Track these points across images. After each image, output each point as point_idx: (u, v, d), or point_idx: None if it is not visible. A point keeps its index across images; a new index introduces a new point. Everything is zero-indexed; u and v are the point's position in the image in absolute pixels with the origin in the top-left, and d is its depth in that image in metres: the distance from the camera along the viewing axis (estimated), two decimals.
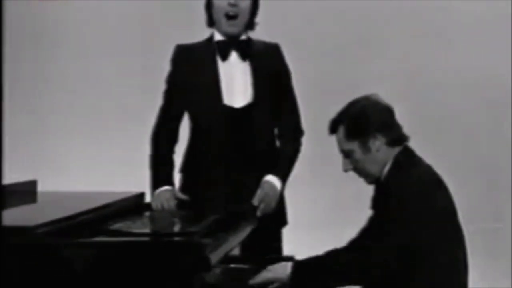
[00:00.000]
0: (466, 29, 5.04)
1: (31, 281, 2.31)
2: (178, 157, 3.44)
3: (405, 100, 2.95)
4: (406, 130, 2.92)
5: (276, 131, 3.43)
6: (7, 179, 2.83)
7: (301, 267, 2.81)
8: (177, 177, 3.43)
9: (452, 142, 4.95)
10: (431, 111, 4.95)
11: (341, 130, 2.88)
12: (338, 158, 2.96)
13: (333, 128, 2.91)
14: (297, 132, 3.45)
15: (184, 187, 3.41)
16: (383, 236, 2.74)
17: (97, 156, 5.09)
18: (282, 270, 2.81)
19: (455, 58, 5.05)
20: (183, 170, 3.43)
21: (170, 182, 3.32)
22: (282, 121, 3.41)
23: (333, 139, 2.95)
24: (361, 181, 3.03)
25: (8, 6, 3.42)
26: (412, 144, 2.91)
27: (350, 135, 2.86)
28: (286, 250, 3.46)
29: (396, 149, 2.87)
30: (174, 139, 3.41)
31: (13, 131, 4.07)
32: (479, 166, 5.00)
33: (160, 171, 3.36)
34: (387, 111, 2.90)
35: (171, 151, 3.40)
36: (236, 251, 3.01)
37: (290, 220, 3.48)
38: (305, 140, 3.49)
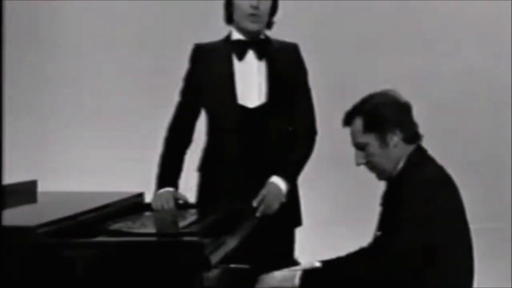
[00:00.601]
0: (466, 29, 5.05)
1: (31, 281, 2.31)
2: (196, 155, 3.45)
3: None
4: None
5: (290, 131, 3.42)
6: (7, 179, 2.83)
7: (311, 277, 2.78)
8: (194, 176, 3.44)
9: (452, 142, 4.95)
10: (431, 111, 4.94)
11: (358, 122, 2.86)
12: (340, 157, 2.94)
13: (349, 119, 2.89)
14: (311, 133, 3.42)
15: (201, 186, 3.43)
16: (394, 236, 2.72)
17: (97, 156, 5.09)
18: (289, 279, 2.79)
19: (455, 58, 5.05)
20: (201, 168, 3.44)
21: (173, 184, 3.31)
22: (296, 122, 3.39)
23: (335, 138, 2.93)
24: (364, 181, 3.03)
25: (8, 6, 3.42)
26: None
27: (368, 127, 2.84)
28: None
29: (411, 147, 2.86)
30: (188, 140, 3.41)
31: (13, 131, 4.07)
32: (479, 166, 5.00)
33: (166, 172, 3.35)
34: (407, 107, 2.89)
35: (182, 153, 3.40)
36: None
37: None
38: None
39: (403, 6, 5.04)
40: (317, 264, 2.90)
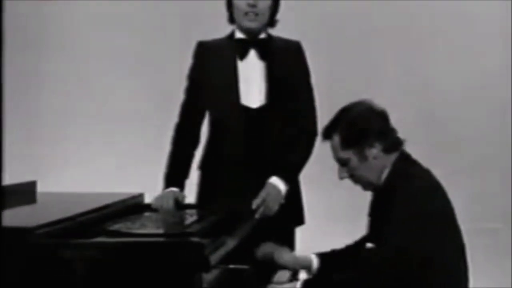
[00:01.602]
0: (466, 29, 5.04)
1: (30, 282, 2.31)
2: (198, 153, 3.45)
3: (405, 101, 2.93)
4: (407, 131, 2.90)
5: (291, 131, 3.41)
6: (7, 180, 2.82)
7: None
8: (196, 174, 3.44)
9: (452, 143, 4.95)
10: (431, 111, 4.94)
11: (336, 138, 2.84)
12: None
13: (327, 134, 2.87)
14: (311, 133, 3.40)
15: (202, 184, 3.43)
16: (385, 245, 2.71)
17: (97, 157, 5.09)
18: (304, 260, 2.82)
19: (455, 58, 5.05)
20: (201, 167, 3.44)
21: (178, 184, 3.31)
22: (297, 122, 3.38)
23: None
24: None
25: (8, 7, 3.41)
26: (412, 145, 2.89)
27: (345, 144, 2.81)
28: None
29: (393, 155, 2.84)
30: (195, 140, 3.41)
31: (12, 132, 4.07)
32: (479, 166, 4.99)
33: (172, 172, 3.36)
34: (382, 117, 2.85)
35: (189, 154, 3.39)
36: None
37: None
38: None
39: (404, 7, 5.04)
40: (312, 257, 2.93)
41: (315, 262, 2.94)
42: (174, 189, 3.28)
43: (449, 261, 2.76)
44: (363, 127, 2.80)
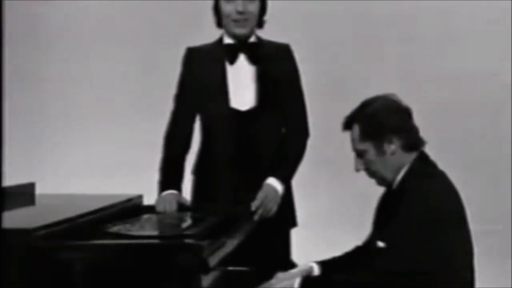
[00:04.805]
0: (466, 29, 5.04)
1: (29, 284, 2.31)
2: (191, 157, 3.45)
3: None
4: None
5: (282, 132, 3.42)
6: (6, 182, 2.83)
7: (310, 286, 2.74)
8: (189, 179, 3.44)
9: (452, 142, 4.94)
10: (431, 112, 4.94)
11: (356, 129, 2.82)
12: (337, 159, 2.94)
13: (348, 125, 2.85)
14: (303, 134, 3.42)
15: (196, 189, 3.44)
16: (396, 249, 2.68)
17: (96, 158, 5.09)
18: (288, 285, 2.76)
19: (456, 58, 5.05)
20: (195, 171, 3.44)
21: (176, 187, 3.31)
22: (289, 124, 3.39)
23: (330, 140, 2.92)
24: (360, 182, 3.03)
25: (8, 6, 3.42)
26: None
27: (365, 135, 2.79)
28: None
29: (412, 155, 2.81)
30: (186, 145, 3.41)
31: (11, 133, 4.07)
32: (479, 167, 4.99)
33: (168, 176, 3.36)
34: (405, 113, 2.83)
35: (182, 158, 3.39)
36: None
37: None
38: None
39: (401, 6, 5.04)
40: (312, 265, 2.88)
41: (316, 270, 2.90)
42: (174, 191, 3.28)
43: (457, 264, 2.74)
44: (383, 121, 2.78)
